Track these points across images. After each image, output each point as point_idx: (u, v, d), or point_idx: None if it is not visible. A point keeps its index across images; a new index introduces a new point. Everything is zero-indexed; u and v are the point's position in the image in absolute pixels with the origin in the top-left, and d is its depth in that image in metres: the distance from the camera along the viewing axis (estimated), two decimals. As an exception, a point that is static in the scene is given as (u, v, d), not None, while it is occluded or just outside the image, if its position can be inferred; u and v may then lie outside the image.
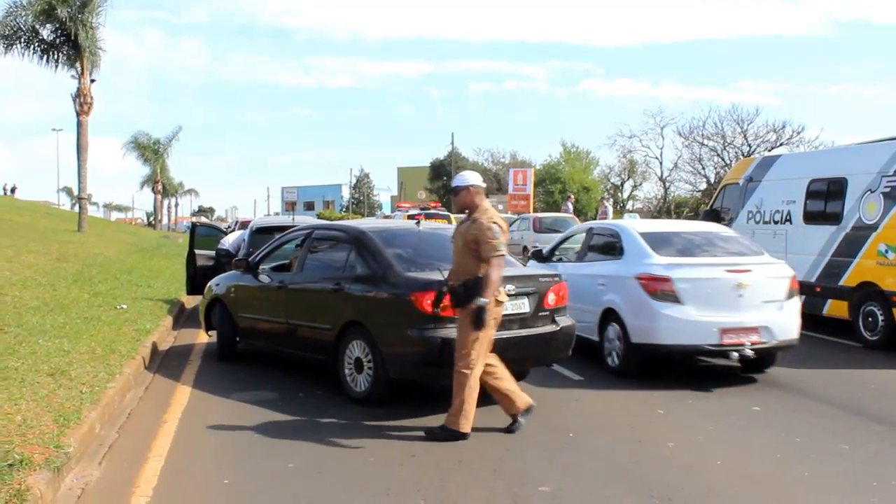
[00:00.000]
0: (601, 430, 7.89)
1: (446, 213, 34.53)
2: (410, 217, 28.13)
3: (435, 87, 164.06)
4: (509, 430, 7.69)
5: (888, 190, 12.46)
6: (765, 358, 10.31)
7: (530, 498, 5.99)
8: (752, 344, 9.68)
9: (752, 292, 9.84)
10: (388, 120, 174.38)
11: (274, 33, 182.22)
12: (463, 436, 7.39)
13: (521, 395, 7.86)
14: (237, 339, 11.15)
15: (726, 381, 10.11)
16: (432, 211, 38.67)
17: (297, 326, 9.69)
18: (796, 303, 10.39)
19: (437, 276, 8.35)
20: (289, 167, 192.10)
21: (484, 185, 7.89)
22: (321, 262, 10.02)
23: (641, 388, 9.67)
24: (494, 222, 7.43)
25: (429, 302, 8.03)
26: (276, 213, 77.52)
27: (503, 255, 7.44)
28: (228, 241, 15.14)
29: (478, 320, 7.22)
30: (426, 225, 10.34)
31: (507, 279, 8.53)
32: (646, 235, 10.70)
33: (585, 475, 6.53)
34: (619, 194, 65.85)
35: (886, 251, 12.30)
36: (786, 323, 10.03)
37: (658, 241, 10.52)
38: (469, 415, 7.42)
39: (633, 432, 7.80)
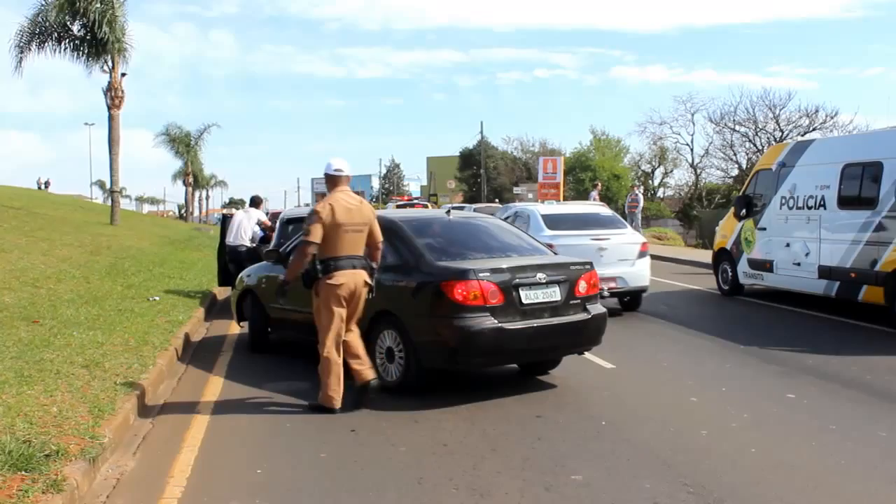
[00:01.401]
0: (634, 419, 7.83)
1: (425, 202, 43.11)
2: (399, 207, 34.49)
3: (465, 76, 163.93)
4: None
5: (924, 173, 12.26)
6: (631, 302, 15.01)
7: (563, 487, 5.96)
8: (610, 289, 13.58)
9: (609, 253, 14.18)
10: (418, 109, 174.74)
11: (303, 24, 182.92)
12: (332, 410, 7.99)
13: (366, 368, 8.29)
14: (269, 329, 11.20)
15: (759, 368, 10.03)
16: (414, 201, 48.74)
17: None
18: (646, 261, 14.87)
19: (467, 264, 8.36)
20: (319, 157, 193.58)
21: (340, 172, 8.28)
22: None
23: (674, 376, 9.61)
24: (316, 210, 7.99)
25: (460, 291, 8.03)
26: (307, 205, 77.84)
27: (306, 242, 7.89)
28: (241, 232, 15.33)
29: (279, 292, 8.46)
30: (457, 214, 10.32)
31: (538, 267, 8.56)
32: (545, 216, 15.02)
33: (619, 464, 6.48)
34: (650, 181, 65.46)
35: (923, 236, 12.11)
36: (637, 274, 14.53)
37: (552, 220, 14.85)
38: (336, 391, 8.05)
39: (666, 420, 7.74)
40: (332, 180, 8.25)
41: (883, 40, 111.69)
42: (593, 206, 18.23)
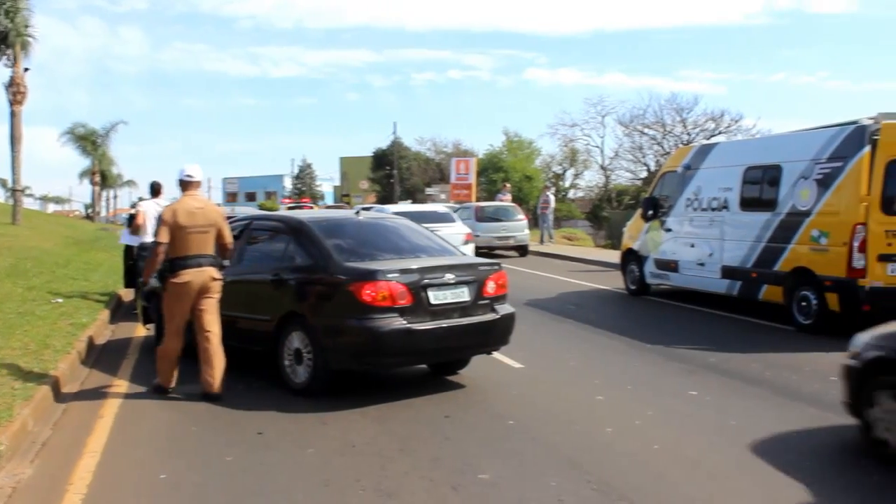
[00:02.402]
0: (541, 418, 7.93)
1: (311, 204, 46.93)
2: (290, 209, 36.89)
3: (379, 77, 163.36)
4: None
5: (821, 177, 12.67)
6: None
7: (470, 486, 6.01)
8: None
9: None
10: (331, 109, 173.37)
11: (216, 22, 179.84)
12: (166, 391, 8.82)
13: (215, 381, 8.70)
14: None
15: (664, 366, 10.24)
16: (301, 204, 51.24)
17: (236, 318, 9.58)
18: (470, 248, 19.58)
19: (376, 265, 8.36)
20: (232, 157, 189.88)
21: (191, 178, 8.87)
22: (260, 253, 9.96)
23: (581, 375, 9.76)
24: (162, 214, 8.65)
25: (369, 292, 8.03)
26: (218, 204, 76.79)
27: (156, 243, 8.55)
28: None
29: (144, 294, 9.33)
30: (366, 214, 10.30)
31: (447, 268, 8.62)
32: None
33: (526, 462, 6.56)
34: (561, 183, 66.21)
35: (819, 237, 12.52)
36: None
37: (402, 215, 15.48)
38: (168, 373, 8.86)
39: (572, 419, 7.86)
40: (183, 185, 8.81)
41: (786, 47, 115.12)
42: (434, 206, 25.01)
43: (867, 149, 11.97)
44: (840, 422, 7.42)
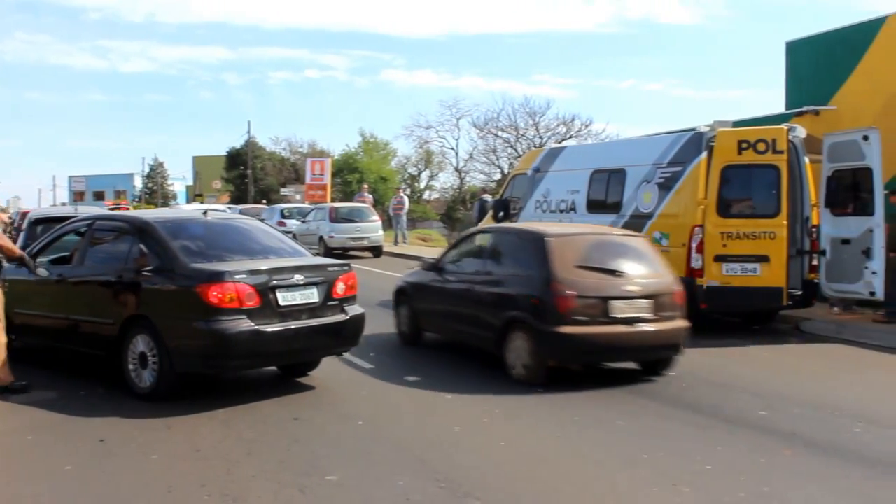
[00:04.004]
0: (390, 418, 7.98)
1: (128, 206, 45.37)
2: (112, 209, 35.37)
3: (234, 74, 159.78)
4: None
5: (662, 181, 13.22)
6: None
7: (317, 488, 5.99)
8: None
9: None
10: (185, 107, 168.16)
11: (61, 13, 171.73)
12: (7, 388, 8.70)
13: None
14: (13, 337, 10.52)
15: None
16: (119, 205, 48.55)
17: (78, 322, 9.27)
18: None
19: (223, 266, 8.24)
20: (79, 154, 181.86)
21: None
22: (104, 254, 9.62)
23: (430, 374, 9.84)
24: None
25: (216, 293, 7.90)
26: (64, 204, 73.58)
27: None
28: None
29: None
30: (215, 215, 10.12)
31: (296, 269, 8.58)
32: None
33: (374, 463, 6.58)
34: (416, 184, 66.70)
35: (661, 238, 13.03)
36: None
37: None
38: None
39: (421, 418, 7.95)
40: None
41: (636, 55, 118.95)
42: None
43: (704, 154, 12.58)
44: (677, 412, 7.72)
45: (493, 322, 9.73)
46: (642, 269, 9.70)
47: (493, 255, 10.61)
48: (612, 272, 9.44)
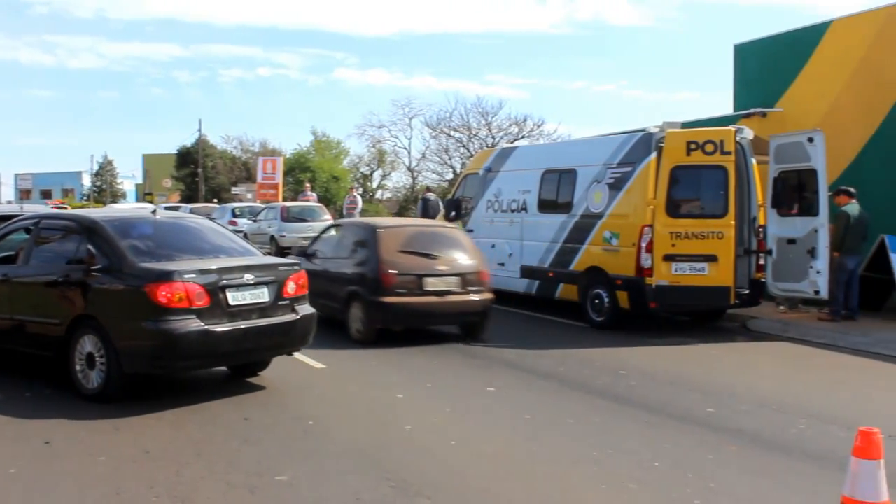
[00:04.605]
0: (342, 417, 7.97)
1: (65, 205, 42.99)
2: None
3: (184, 72, 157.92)
4: None
5: (612, 181, 13.35)
6: None
7: (267, 488, 5.96)
8: None
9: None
10: (134, 104, 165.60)
11: (6, 5, 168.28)
12: None
13: None
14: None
15: (464, 363, 10.53)
16: (59, 205, 46.91)
17: (23, 322, 9.11)
18: None
19: (172, 266, 8.16)
20: (24, 152, 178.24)
21: None
22: (50, 253, 9.48)
23: (382, 374, 9.86)
24: None
25: (164, 293, 7.82)
26: (10, 202, 72.33)
27: None
28: None
29: None
30: (164, 213, 10.03)
31: (246, 268, 8.53)
32: None
33: (324, 462, 6.56)
34: (369, 183, 66.50)
35: (611, 238, 13.17)
36: None
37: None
38: None
39: (373, 417, 7.94)
40: None
41: (587, 56, 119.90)
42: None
43: (654, 155, 12.73)
44: (626, 410, 7.81)
45: (340, 295, 12.08)
46: (453, 254, 12.32)
47: (342, 243, 13.02)
48: (428, 255, 11.96)
